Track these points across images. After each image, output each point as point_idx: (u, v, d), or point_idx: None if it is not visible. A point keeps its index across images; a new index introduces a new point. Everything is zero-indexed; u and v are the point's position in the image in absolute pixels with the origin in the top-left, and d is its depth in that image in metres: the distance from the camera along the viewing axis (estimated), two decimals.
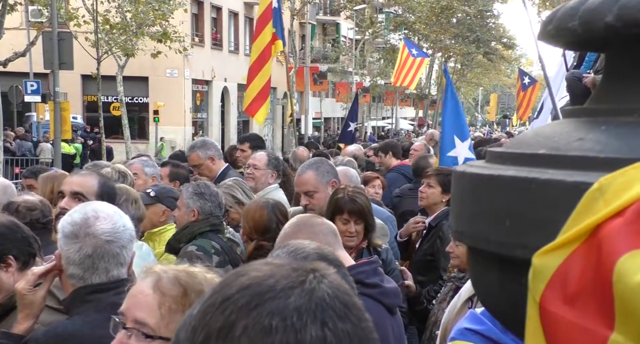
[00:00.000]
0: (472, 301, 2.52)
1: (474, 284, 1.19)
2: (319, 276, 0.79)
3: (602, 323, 0.69)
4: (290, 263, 0.83)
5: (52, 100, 16.36)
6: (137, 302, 1.59)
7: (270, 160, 4.69)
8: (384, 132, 45.01)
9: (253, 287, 0.76)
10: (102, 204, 2.19)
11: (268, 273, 0.79)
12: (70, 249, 2.01)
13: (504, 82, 70.90)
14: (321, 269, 0.81)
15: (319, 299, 0.76)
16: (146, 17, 20.75)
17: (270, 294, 0.75)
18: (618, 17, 0.90)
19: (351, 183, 4.40)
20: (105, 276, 2.01)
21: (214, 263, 3.29)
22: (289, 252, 1.92)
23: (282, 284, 0.76)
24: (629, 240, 0.68)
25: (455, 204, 1.13)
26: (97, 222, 2.02)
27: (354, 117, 12.81)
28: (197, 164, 5.04)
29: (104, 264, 2.01)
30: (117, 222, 2.05)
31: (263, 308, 0.74)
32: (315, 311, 0.75)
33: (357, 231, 3.26)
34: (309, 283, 0.77)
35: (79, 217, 2.04)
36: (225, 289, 0.78)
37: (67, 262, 2.03)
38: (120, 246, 2.03)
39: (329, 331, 0.74)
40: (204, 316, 0.77)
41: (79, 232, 2.01)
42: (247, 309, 0.74)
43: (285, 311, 0.74)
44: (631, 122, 0.92)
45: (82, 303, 2.00)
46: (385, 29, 39.76)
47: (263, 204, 3.39)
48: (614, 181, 0.73)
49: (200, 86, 31.37)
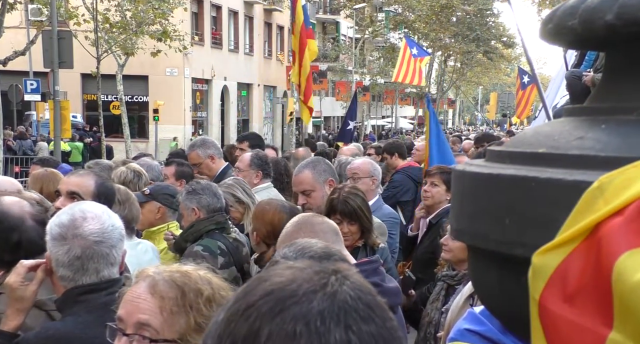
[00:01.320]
0: (473, 298, 2.52)
1: (474, 283, 1.19)
2: (341, 277, 0.79)
3: (601, 321, 0.69)
4: (312, 265, 0.83)
5: (51, 99, 16.35)
6: (137, 307, 1.58)
7: (252, 160, 4.69)
8: (384, 131, 45.00)
9: (276, 293, 0.77)
10: (90, 204, 2.16)
11: (290, 277, 0.79)
12: (59, 251, 1.99)
13: (504, 81, 70.88)
14: (343, 270, 0.82)
15: (342, 302, 0.76)
16: (146, 16, 20.74)
17: (294, 300, 0.75)
18: (618, 16, 0.90)
19: (368, 176, 4.43)
20: (96, 277, 1.99)
21: (219, 264, 3.28)
22: (295, 251, 1.91)
23: (304, 289, 0.77)
24: (628, 239, 0.69)
25: (455, 203, 1.13)
26: (84, 223, 2.00)
27: (353, 115, 12.75)
28: (197, 162, 5.03)
29: (94, 264, 1.99)
30: (106, 222, 2.03)
31: (286, 313, 0.74)
32: (338, 315, 0.75)
33: (351, 231, 3.25)
34: (331, 285, 0.78)
35: (66, 218, 2.02)
36: (248, 296, 0.79)
37: (56, 264, 2.00)
38: (110, 246, 2.01)
39: (353, 334, 0.74)
40: (229, 324, 0.77)
41: (66, 234, 1.99)
42: (271, 315, 0.75)
43: (308, 315, 0.74)
44: (631, 121, 0.92)
45: (73, 304, 1.98)
46: (385, 27, 39.74)
47: (280, 207, 3.26)
48: (613, 179, 0.73)
49: (200, 84, 31.36)
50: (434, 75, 46.43)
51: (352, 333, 0.74)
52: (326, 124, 43.07)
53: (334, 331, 0.74)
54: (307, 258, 1.82)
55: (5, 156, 16.26)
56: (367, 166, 4.63)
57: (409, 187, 6.39)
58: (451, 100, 62.80)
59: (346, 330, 0.74)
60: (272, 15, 38.32)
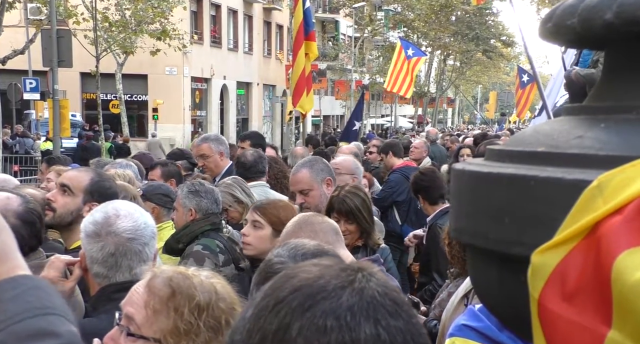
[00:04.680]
0: (467, 297, 2.53)
1: (473, 282, 1.19)
2: (367, 274, 0.81)
3: (600, 320, 0.69)
4: (337, 263, 0.84)
5: (51, 98, 16.34)
6: (130, 299, 1.61)
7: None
8: (383, 130, 44.98)
9: (305, 288, 0.78)
10: (123, 203, 2.21)
11: (317, 274, 0.80)
12: (93, 248, 2.03)
13: (503, 79, 70.88)
14: (367, 267, 0.83)
15: (370, 298, 0.77)
16: (145, 15, 20.74)
17: (323, 295, 0.77)
18: (617, 15, 0.90)
19: (349, 173, 4.41)
20: (129, 274, 2.03)
21: (220, 261, 3.30)
22: (289, 250, 1.92)
23: (333, 285, 0.78)
24: (627, 237, 0.69)
25: (454, 202, 1.13)
26: (118, 221, 2.04)
27: (359, 115, 12.64)
28: (207, 154, 5.01)
29: (127, 261, 2.03)
30: (138, 220, 2.07)
31: (317, 308, 0.76)
32: (367, 310, 0.76)
33: (349, 230, 3.24)
34: (358, 281, 0.79)
35: (100, 216, 2.06)
36: (277, 291, 0.80)
37: (90, 261, 2.05)
38: (143, 243, 2.05)
39: (382, 328, 0.76)
40: (258, 319, 0.79)
41: (100, 231, 2.03)
42: (301, 310, 0.76)
43: (338, 310, 0.75)
44: (630, 120, 0.92)
45: (107, 302, 2.00)
46: (384, 26, 39.74)
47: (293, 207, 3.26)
48: (613, 178, 0.73)
49: (199, 83, 31.35)
50: (434, 74, 46.41)
51: (382, 327, 0.76)
52: (326, 122, 43.05)
53: (364, 325, 0.75)
54: (300, 257, 1.82)
55: (3, 155, 16.26)
56: (349, 163, 4.60)
57: (404, 187, 6.39)
58: (450, 99, 62.79)
59: (375, 325, 0.76)
60: (271, 14, 38.31)
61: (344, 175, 4.43)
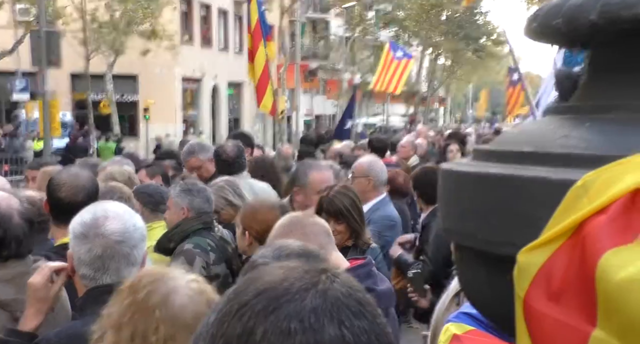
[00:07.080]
0: (459, 296, 2.52)
1: (461, 282, 1.19)
2: (330, 275, 0.81)
3: (584, 319, 0.69)
4: (301, 264, 0.84)
5: (40, 98, 16.25)
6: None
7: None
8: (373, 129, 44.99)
9: (269, 291, 0.78)
10: (112, 204, 2.17)
11: (281, 276, 0.80)
12: (81, 250, 2.01)
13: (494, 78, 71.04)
14: (331, 269, 0.83)
15: (334, 299, 0.77)
16: (135, 15, 20.66)
17: (287, 298, 0.76)
18: (601, 15, 0.90)
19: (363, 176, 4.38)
20: (117, 276, 1.99)
21: (211, 260, 3.30)
22: (273, 251, 1.91)
23: (296, 287, 0.78)
24: (612, 237, 0.69)
25: (442, 203, 1.13)
26: (106, 222, 2.00)
27: (351, 113, 12.55)
28: (198, 166, 5.08)
29: (115, 264, 2.00)
30: (127, 222, 2.04)
31: (280, 311, 0.75)
32: (331, 311, 0.76)
33: (338, 230, 3.22)
34: (322, 283, 0.79)
35: (88, 217, 2.03)
36: (240, 295, 0.79)
37: (78, 262, 2.02)
38: (131, 245, 2.02)
39: (346, 329, 0.76)
40: (222, 324, 0.78)
41: (88, 232, 2.00)
42: (265, 314, 0.76)
43: (302, 313, 0.75)
44: (615, 119, 0.93)
45: (94, 304, 1.98)
46: (375, 26, 39.74)
47: (272, 205, 3.26)
48: (597, 178, 0.74)
49: (190, 83, 31.27)
50: (425, 74, 46.48)
51: (345, 328, 0.75)
52: (319, 122, 43.01)
53: (328, 327, 0.75)
54: (284, 257, 1.82)
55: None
56: (363, 165, 4.54)
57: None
58: (442, 98, 62.87)
59: (339, 326, 0.75)
60: None
61: (358, 178, 4.42)
